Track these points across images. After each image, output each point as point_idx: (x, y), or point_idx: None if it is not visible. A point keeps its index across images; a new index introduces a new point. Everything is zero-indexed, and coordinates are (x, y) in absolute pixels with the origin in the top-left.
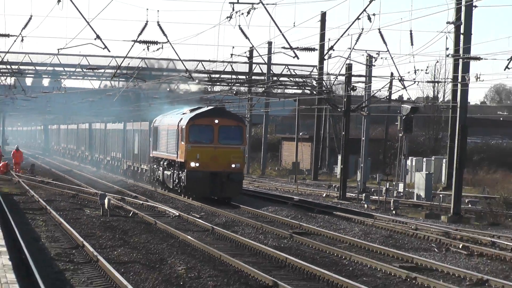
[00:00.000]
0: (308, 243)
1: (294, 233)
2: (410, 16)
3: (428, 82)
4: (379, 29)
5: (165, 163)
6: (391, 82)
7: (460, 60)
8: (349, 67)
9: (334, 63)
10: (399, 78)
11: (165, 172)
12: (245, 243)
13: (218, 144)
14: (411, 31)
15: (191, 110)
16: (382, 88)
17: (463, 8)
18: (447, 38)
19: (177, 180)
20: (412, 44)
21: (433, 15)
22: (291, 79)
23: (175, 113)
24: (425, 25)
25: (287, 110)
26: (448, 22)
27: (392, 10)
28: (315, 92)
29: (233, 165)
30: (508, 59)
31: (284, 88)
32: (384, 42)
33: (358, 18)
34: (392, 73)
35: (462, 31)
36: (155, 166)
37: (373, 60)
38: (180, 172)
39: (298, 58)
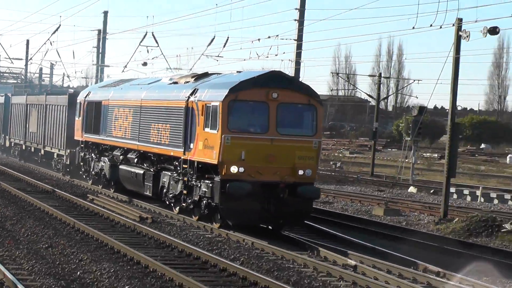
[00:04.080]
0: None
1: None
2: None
3: None
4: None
5: (130, 155)
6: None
7: None
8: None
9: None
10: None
11: (123, 167)
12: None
13: (276, 135)
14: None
15: (201, 76)
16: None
17: None
18: None
19: (182, 192)
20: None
21: None
22: None
23: (151, 81)
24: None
25: None
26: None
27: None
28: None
29: (300, 171)
30: None
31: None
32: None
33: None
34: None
35: None
36: (90, 155)
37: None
38: (198, 182)
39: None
